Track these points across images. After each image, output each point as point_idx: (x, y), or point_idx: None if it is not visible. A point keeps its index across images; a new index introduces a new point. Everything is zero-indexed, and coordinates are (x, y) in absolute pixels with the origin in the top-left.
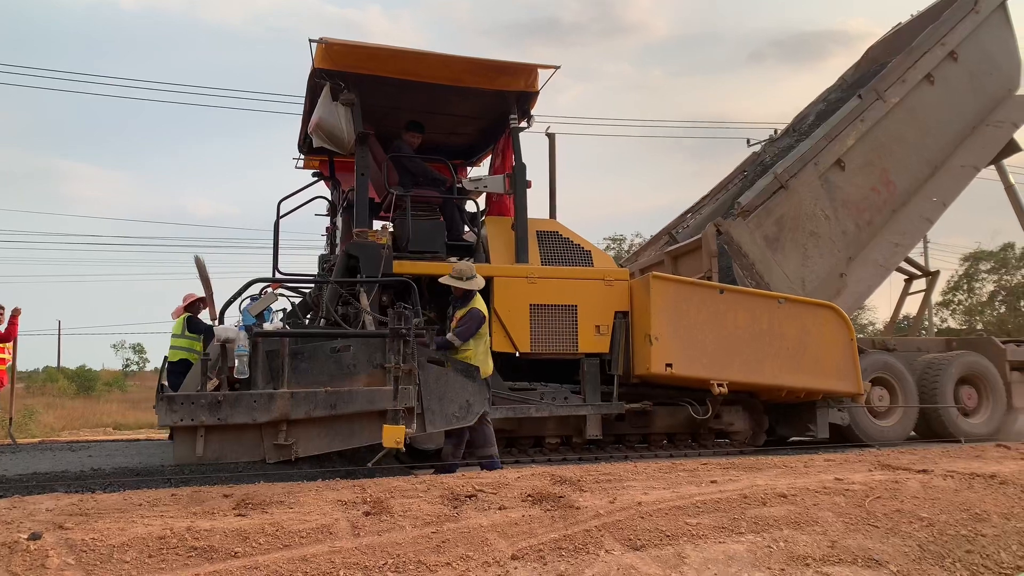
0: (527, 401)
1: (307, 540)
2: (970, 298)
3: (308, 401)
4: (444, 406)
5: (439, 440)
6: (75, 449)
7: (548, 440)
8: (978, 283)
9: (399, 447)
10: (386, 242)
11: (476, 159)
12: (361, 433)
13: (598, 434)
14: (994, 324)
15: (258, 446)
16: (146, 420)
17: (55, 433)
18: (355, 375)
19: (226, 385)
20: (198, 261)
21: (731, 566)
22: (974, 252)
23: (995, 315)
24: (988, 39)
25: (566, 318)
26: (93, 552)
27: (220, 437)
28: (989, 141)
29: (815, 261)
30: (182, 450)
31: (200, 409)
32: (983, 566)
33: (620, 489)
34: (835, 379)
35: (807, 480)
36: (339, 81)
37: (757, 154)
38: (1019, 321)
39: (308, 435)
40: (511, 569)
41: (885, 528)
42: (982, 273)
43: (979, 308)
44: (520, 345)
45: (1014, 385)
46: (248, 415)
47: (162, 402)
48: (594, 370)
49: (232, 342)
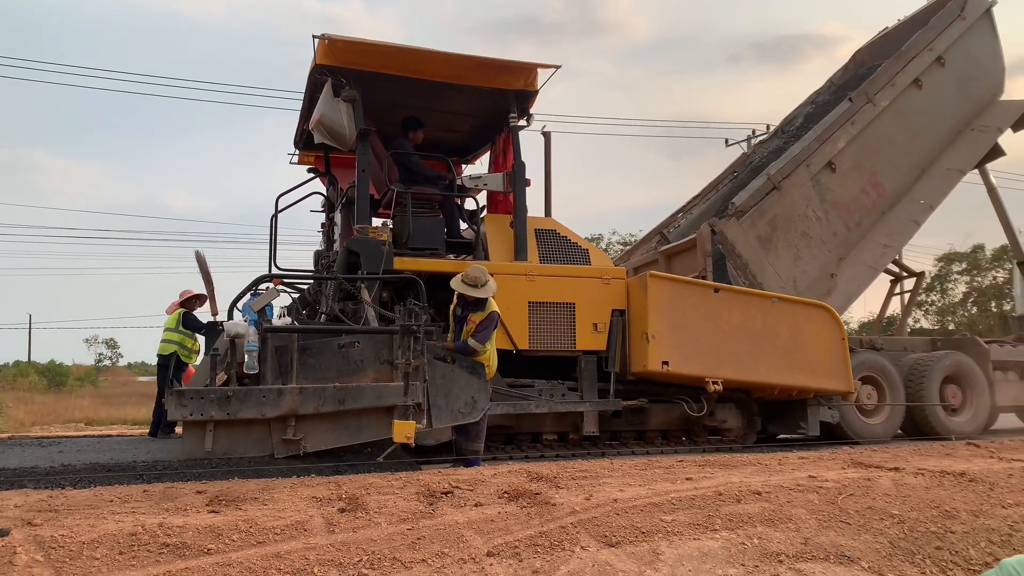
0: (526, 398)
1: (281, 537)
2: (943, 299)
3: (317, 396)
4: (450, 402)
5: (440, 436)
6: (45, 445)
7: (545, 436)
8: (950, 284)
9: (409, 442)
10: (387, 239)
11: (472, 156)
12: (369, 428)
13: (595, 431)
14: (966, 324)
15: (266, 441)
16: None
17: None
18: (363, 371)
19: (235, 380)
20: (199, 256)
21: (705, 563)
22: (947, 254)
23: (967, 315)
24: (974, 45)
25: (564, 316)
26: (62, 549)
27: (229, 431)
28: (974, 145)
29: (807, 261)
30: (191, 444)
31: (209, 404)
32: (952, 562)
33: (596, 486)
34: (827, 378)
35: (781, 478)
36: (341, 77)
37: (747, 155)
38: (990, 322)
39: (316, 430)
40: (487, 566)
41: (857, 525)
42: (954, 274)
43: (951, 309)
44: (519, 342)
45: (997, 384)
46: (257, 410)
47: (172, 396)
48: (591, 367)
49: (242, 337)
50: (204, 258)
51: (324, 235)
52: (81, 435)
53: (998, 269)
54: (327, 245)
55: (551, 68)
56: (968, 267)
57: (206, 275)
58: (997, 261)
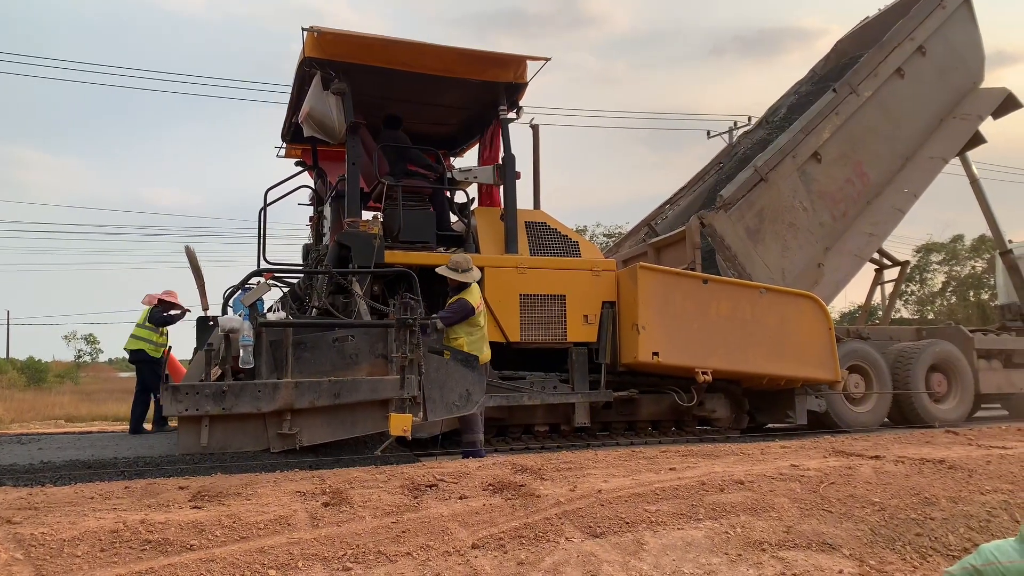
0: (518, 389)
1: (265, 532)
2: (922, 288)
3: (312, 390)
4: (445, 395)
5: (433, 429)
6: (24, 442)
7: (537, 428)
8: (929, 274)
9: (406, 435)
10: (377, 232)
11: (461, 149)
12: (364, 422)
13: (586, 422)
14: (945, 313)
15: (262, 435)
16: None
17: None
18: (357, 364)
19: (230, 375)
20: (188, 251)
21: (689, 552)
22: (926, 244)
23: (946, 305)
24: (954, 34)
25: (555, 308)
26: (43, 547)
27: (224, 427)
28: (956, 133)
29: (794, 252)
30: (187, 439)
31: (205, 399)
32: (932, 548)
33: (580, 477)
34: (814, 367)
35: (764, 467)
36: (330, 70)
37: (732, 146)
38: (968, 311)
39: (311, 424)
40: (471, 558)
41: (839, 513)
42: (933, 264)
43: (931, 299)
44: (510, 334)
45: (981, 372)
46: (253, 404)
47: (167, 392)
48: (582, 359)
49: (236, 332)
50: (194, 253)
51: (313, 229)
52: (61, 432)
53: (976, 259)
54: (316, 239)
55: (540, 60)
56: (947, 257)
57: (196, 270)
58: (975, 251)
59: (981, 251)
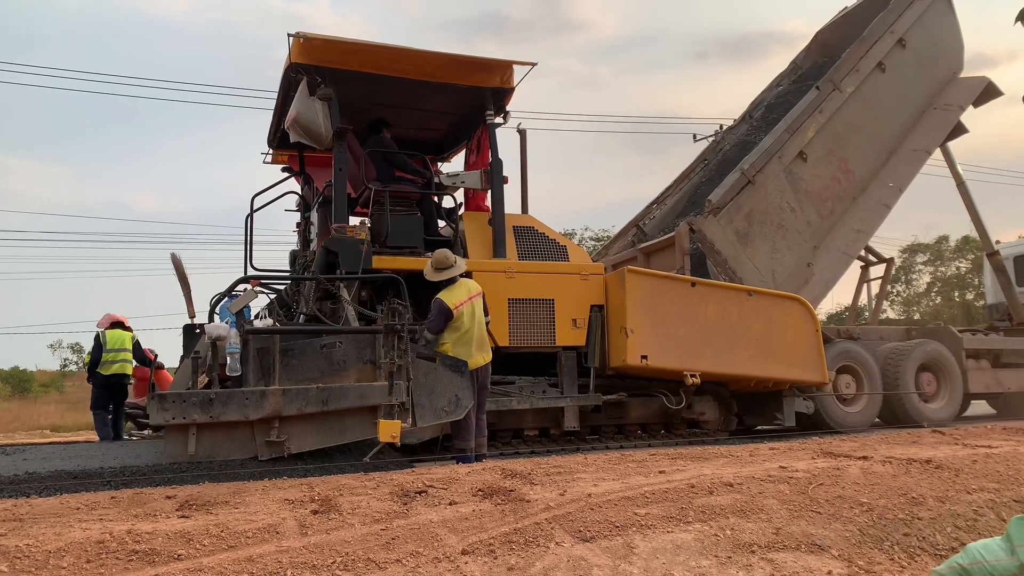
0: (507, 394)
1: (253, 540)
2: (908, 289)
3: (300, 397)
4: (434, 400)
5: (421, 435)
6: (9, 453)
7: (526, 432)
8: (915, 275)
9: (395, 441)
10: (365, 237)
11: (449, 154)
12: (353, 429)
13: (576, 425)
14: (930, 313)
15: (250, 443)
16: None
17: None
18: (345, 371)
19: (217, 383)
20: (174, 258)
21: (679, 555)
22: (911, 245)
23: (931, 305)
24: (933, 24)
25: (543, 312)
26: (28, 558)
27: (212, 435)
28: (938, 124)
29: (783, 253)
30: (173, 448)
31: (192, 407)
32: (920, 548)
33: (570, 481)
34: (802, 368)
35: (752, 469)
36: (316, 76)
37: (716, 142)
38: (954, 311)
39: (300, 431)
40: (461, 564)
41: (827, 514)
42: (918, 265)
43: (916, 299)
44: (499, 339)
45: (970, 372)
46: (240, 412)
47: (154, 400)
48: (571, 363)
49: (223, 340)
50: (180, 260)
51: (300, 235)
52: (47, 442)
53: (961, 259)
54: (303, 245)
55: (527, 65)
56: (932, 258)
57: (182, 277)
58: (960, 252)
59: (966, 251)
